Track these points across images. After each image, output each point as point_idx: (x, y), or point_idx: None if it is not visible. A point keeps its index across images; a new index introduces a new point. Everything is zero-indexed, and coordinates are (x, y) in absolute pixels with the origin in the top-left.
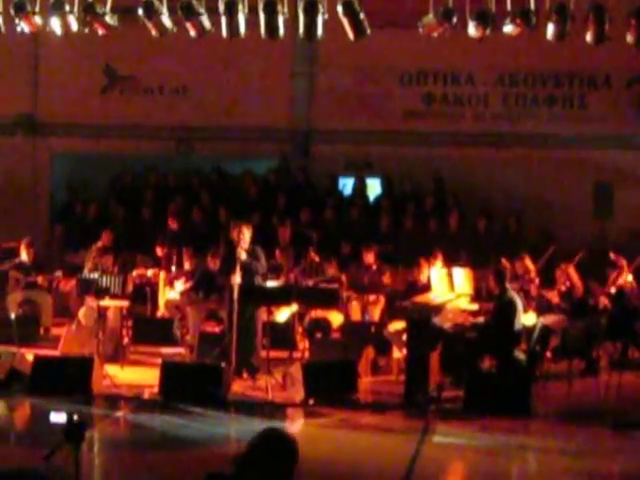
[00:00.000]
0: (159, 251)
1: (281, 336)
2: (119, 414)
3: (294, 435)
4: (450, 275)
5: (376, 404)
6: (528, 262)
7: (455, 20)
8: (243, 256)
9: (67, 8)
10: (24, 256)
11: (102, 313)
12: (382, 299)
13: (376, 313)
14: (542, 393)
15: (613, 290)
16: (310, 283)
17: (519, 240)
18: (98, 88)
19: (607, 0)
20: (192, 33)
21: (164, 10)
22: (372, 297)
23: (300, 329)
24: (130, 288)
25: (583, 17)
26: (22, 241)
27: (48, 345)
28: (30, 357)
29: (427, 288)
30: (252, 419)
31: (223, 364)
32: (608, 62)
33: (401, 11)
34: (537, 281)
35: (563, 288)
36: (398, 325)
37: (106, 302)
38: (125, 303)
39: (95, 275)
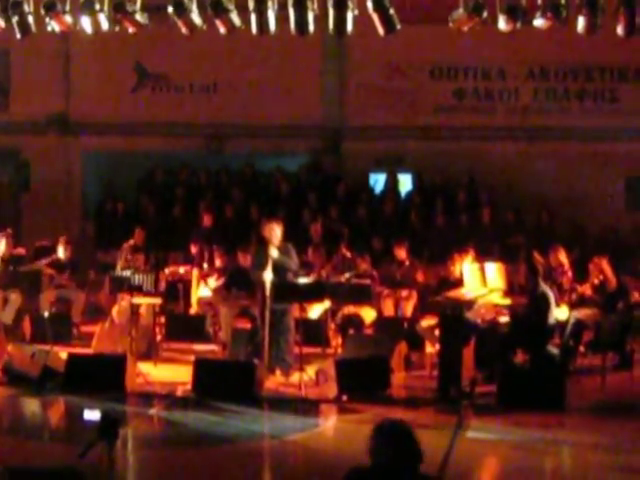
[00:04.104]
0: (193, 249)
1: (314, 332)
2: (152, 411)
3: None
4: (482, 270)
5: (409, 400)
6: (562, 255)
7: (485, 14)
8: (275, 253)
9: (97, 7)
10: (61, 253)
11: (135, 311)
12: (414, 294)
13: (408, 309)
14: (576, 387)
15: None
16: (342, 279)
17: (551, 234)
18: (129, 86)
19: None
20: (222, 30)
21: (194, 7)
22: (404, 292)
23: (333, 325)
24: (163, 285)
25: (614, 10)
26: (60, 238)
27: (81, 343)
28: (64, 355)
29: (459, 283)
30: (285, 416)
31: (256, 361)
32: (639, 55)
33: (431, 6)
34: (570, 274)
35: (596, 281)
36: (431, 320)
37: (139, 300)
38: (158, 300)
39: (127, 273)
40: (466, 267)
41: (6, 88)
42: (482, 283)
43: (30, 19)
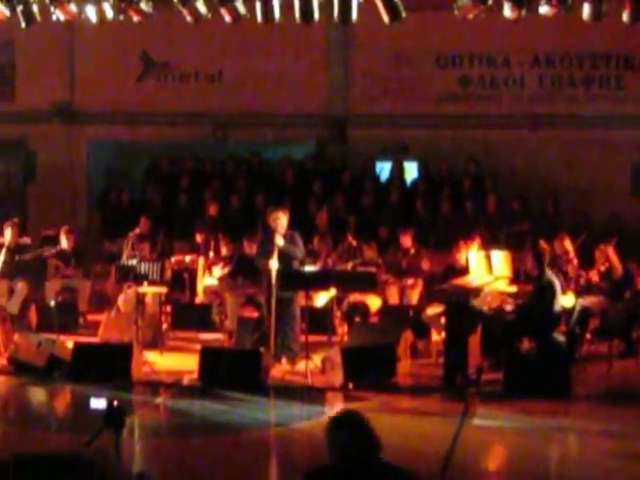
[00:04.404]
0: (198, 237)
1: (320, 321)
2: (159, 400)
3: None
4: (488, 257)
5: (415, 387)
6: (567, 243)
7: (490, 1)
8: (280, 242)
9: None
10: (64, 243)
11: (141, 300)
12: (420, 282)
13: (414, 296)
14: (582, 375)
15: None
16: (348, 267)
17: (556, 222)
18: (134, 75)
19: None
20: (227, 19)
21: None
22: (410, 280)
23: (339, 313)
24: (168, 274)
25: None
26: (62, 228)
27: (87, 332)
28: (70, 344)
29: (465, 271)
30: (291, 404)
31: (262, 349)
32: None
33: None
34: (575, 262)
35: (602, 269)
36: (437, 308)
37: (145, 289)
38: (164, 289)
39: (133, 262)
40: (472, 255)
41: (11, 78)
42: (488, 271)
43: (35, 8)
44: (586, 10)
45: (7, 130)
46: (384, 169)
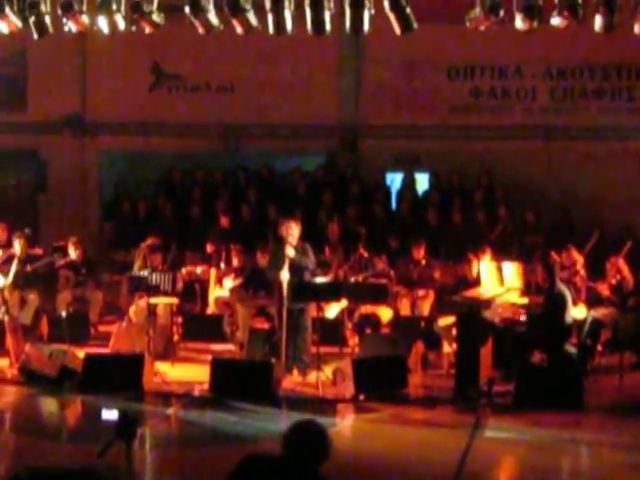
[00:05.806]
0: (210, 248)
1: (331, 332)
2: (170, 411)
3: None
4: (500, 269)
5: (426, 399)
6: (575, 253)
7: (502, 13)
8: (292, 253)
9: (114, 7)
10: (72, 255)
11: (152, 310)
12: (432, 294)
13: (426, 308)
14: (593, 387)
15: None
16: (359, 278)
17: (568, 233)
18: (146, 86)
19: None
20: (239, 30)
21: (211, 7)
22: (421, 292)
23: (350, 325)
24: (180, 285)
25: (631, 8)
26: (69, 239)
27: (99, 343)
28: (81, 355)
29: (477, 282)
30: (302, 415)
31: (273, 360)
32: None
33: (448, 5)
34: (583, 272)
35: (613, 281)
36: (448, 320)
37: (156, 299)
38: (175, 300)
39: (145, 273)
40: (483, 266)
41: (23, 88)
42: (499, 282)
43: (47, 19)
44: (598, 22)
45: (19, 140)
46: (395, 180)
